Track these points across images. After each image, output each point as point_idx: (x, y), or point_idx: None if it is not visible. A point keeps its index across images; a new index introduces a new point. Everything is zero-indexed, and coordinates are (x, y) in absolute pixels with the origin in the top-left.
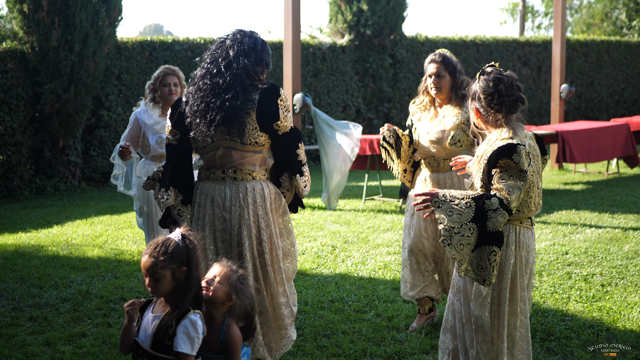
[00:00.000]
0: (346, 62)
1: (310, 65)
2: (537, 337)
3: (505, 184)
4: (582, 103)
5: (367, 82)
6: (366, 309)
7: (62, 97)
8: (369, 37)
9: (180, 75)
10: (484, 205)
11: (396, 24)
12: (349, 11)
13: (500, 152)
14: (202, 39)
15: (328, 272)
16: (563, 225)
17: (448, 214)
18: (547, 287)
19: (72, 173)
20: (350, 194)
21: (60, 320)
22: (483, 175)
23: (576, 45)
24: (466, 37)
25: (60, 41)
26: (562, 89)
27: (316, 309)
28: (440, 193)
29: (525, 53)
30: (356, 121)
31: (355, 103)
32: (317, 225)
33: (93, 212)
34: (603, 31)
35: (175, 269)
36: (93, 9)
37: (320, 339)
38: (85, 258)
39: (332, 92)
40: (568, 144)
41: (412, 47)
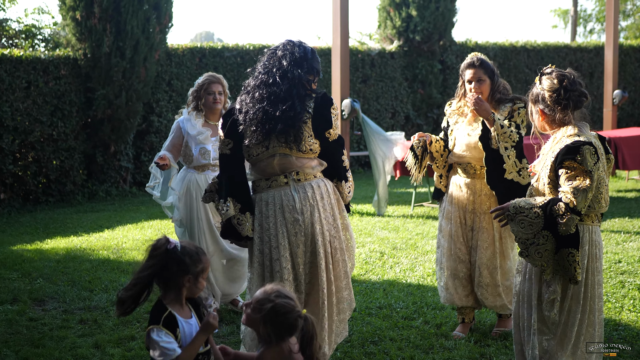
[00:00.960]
0: (395, 68)
1: (359, 71)
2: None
3: (570, 186)
4: (636, 109)
5: (416, 88)
6: (414, 316)
7: (113, 103)
8: (418, 42)
9: (224, 83)
10: (552, 212)
11: (445, 29)
12: (398, 17)
13: (565, 151)
14: (251, 45)
15: (376, 278)
16: (616, 233)
17: (520, 226)
18: None
19: (123, 178)
20: (399, 200)
21: (110, 323)
22: (550, 172)
23: (629, 50)
24: (516, 42)
25: (112, 48)
26: (614, 95)
27: (364, 315)
28: (510, 206)
29: (577, 59)
30: (405, 127)
31: (405, 109)
32: (365, 231)
33: (143, 217)
34: None
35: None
36: (144, 15)
37: (367, 346)
38: (135, 262)
39: (381, 98)
40: (621, 151)
41: (462, 52)
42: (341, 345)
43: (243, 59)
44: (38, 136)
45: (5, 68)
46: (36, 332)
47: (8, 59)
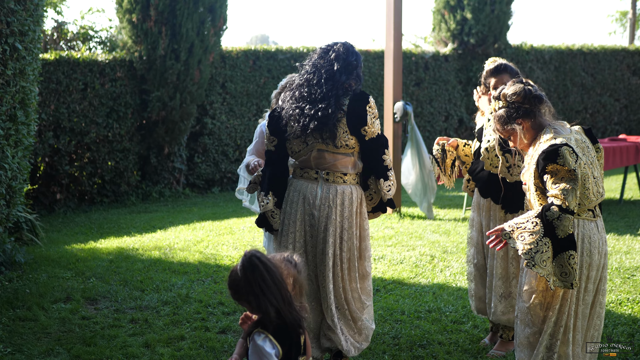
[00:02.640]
0: (449, 71)
1: (413, 74)
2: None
3: (558, 188)
4: None
5: (470, 92)
6: (464, 320)
7: (168, 105)
8: (473, 45)
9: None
10: (547, 218)
11: (500, 32)
12: (452, 20)
13: (545, 157)
14: (305, 47)
15: (426, 281)
16: None
17: (520, 239)
18: None
19: (176, 179)
20: (450, 204)
21: (160, 322)
22: (535, 179)
23: None
24: (573, 45)
25: (167, 50)
26: None
27: (413, 318)
28: (505, 226)
29: (635, 62)
30: (459, 130)
31: (458, 112)
32: (416, 234)
33: (195, 218)
34: None
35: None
36: (199, 18)
37: (416, 349)
38: (186, 263)
39: (434, 101)
40: None
41: (517, 56)
42: (389, 348)
43: (297, 61)
44: (94, 137)
45: (63, 70)
46: (88, 330)
47: (66, 61)
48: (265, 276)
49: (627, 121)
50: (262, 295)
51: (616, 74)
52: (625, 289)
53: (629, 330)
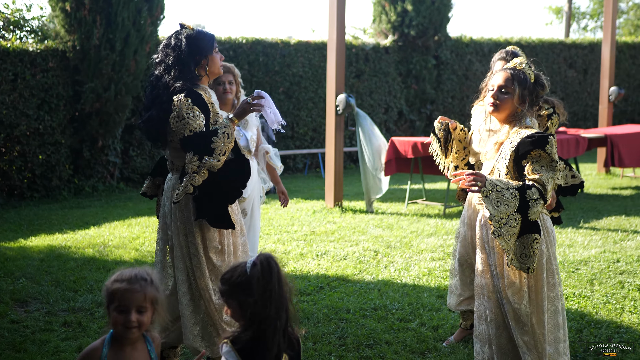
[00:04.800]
0: (389, 63)
1: (353, 66)
2: (591, 351)
3: (540, 175)
4: (629, 106)
5: (410, 84)
6: (410, 317)
7: (102, 97)
8: (413, 37)
9: (236, 72)
10: (526, 196)
11: (441, 24)
12: (393, 12)
13: (533, 141)
14: (244, 38)
15: (370, 278)
16: (613, 231)
17: (496, 204)
18: (599, 297)
19: (110, 173)
20: (392, 197)
21: (95, 325)
22: (510, 162)
23: (624, 47)
24: (511, 38)
25: (102, 40)
26: (611, 92)
27: (358, 316)
28: (487, 181)
29: (571, 55)
30: (398, 123)
31: (398, 105)
32: (358, 229)
33: (131, 214)
34: None
35: (242, 301)
36: (135, 7)
37: (363, 349)
38: (122, 261)
39: (374, 93)
40: (617, 148)
41: (457, 48)
42: (335, 348)
43: (236, 53)
44: (24, 130)
45: None
46: (18, 335)
47: None
48: (277, 283)
49: None
50: (263, 303)
51: (553, 67)
52: (570, 283)
53: (577, 326)
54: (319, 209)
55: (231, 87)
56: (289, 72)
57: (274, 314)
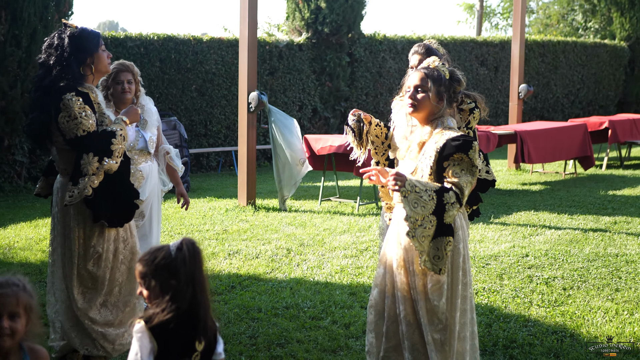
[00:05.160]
0: (303, 60)
1: (267, 63)
2: (500, 344)
3: (459, 178)
4: (538, 103)
5: (324, 81)
6: (322, 315)
7: (8, 94)
8: (327, 35)
9: (136, 71)
10: (443, 199)
11: (354, 22)
12: (306, 9)
13: (458, 145)
14: (155, 35)
15: (283, 276)
16: (522, 226)
17: (413, 206)
18: (508, 291)
19: (17, 173)
20: (306, 195)
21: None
22: (433, 163)
23: (533, 45)
24: (424, 36)
25: (7, 36)
26: (520, 89)
27: (270, 316)
28: (407, 181)
29: (483, 53)
30: (313, 120)
31: (312, 102)
32: (271, 227)
33: (38, 214)
34: (559, 32)
35: (164, 282)
36: (42, 3)
37: (274, 349)
38: (28, 263)
39: (288, 90)
40: (526, 145)
41: (370, 45)
42: (246, 348)
43: (147, 49)
44: None
45: None
46: None
47: None
48: (200, 267)
49: None
50: (185, 285)
51: (465, 64)
52: (480, 278)
53: (486, 321)
54: (231, 207)
55: (130, 86)
56: (202, 69)
57: (198, 297)
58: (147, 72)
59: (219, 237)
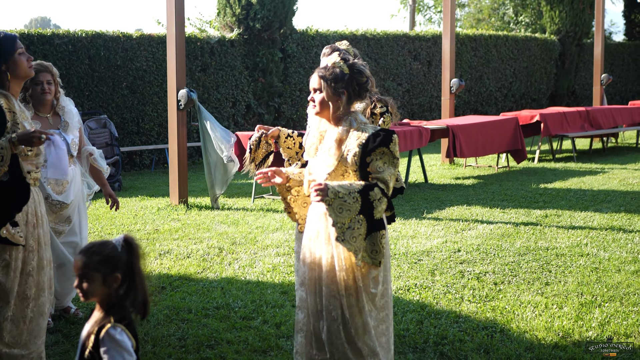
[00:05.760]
0: (235, 56)
1: (199, 59)
2: (431, 341)
3: (383, 172)
4: (472, 97)
5: (257, 77)
6: (253, 315)
7: None
8: (259, 31)
9: (55, 72)
10: (369, 197)
11: (286, 17)
12: (237, 4)
13: (380, 139)
14: (83, 32)
15: (214, 276)
16: (455, 221)
17: (338, 212)
18: (440, 287)
19: None
20: (239, 192)
21: None
22: (358, 158)
23: (465, 40)
24: (357, 31)
25: None
26: (452, 84)
27: (200, 317)
28: (329, 189)
29: (416, 47)
30: (247, 116)
31: (246, 98)
32: (203, 226)
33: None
34: (491, 26)
35: (107, 274)
36: None
37: (203, 350)
38: None
39: (221, 87)
40: (458, 139)
41: (303, 41)
42: (175, 351)
43: (75, 47)
44: None
45: None
46: None
47: None
48: (140, 260)
49: (410, 105)
50: (135, 278)
51: (398, 59)
52: (412, 274)
53: (417, 317)
54: (163, 206)
55: (50, 87)
56: (132, 66)
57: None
58: (76, 69)
59: (150, 236)
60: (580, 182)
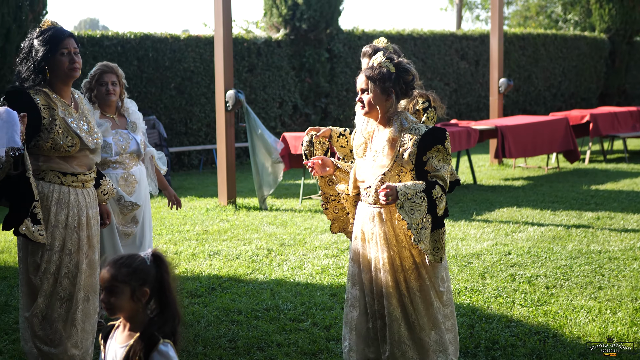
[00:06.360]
0: (282, 56)
1: (246, 60)
2: (482, 346)
3: (440, 170)
4: (520, 97)
5: (303, 77)
6: (303, 317)
7: None
8: (305, 31)
9: (120, 73)
10: (432, 195)
11: (332, 17)
12: (284, 5)
13: (434, 138)
14: (132, 33)
15: (263, 277)
16: (505, 223)
17: (410, 213)
18: (490, 290)
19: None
20: (287, 193)
21: None
22: (413, 157)
23: (513, 38)
24: (403, 30)
25: None
26: (500, 83)
27: (250, 318)
28: (399, 192)
29: (463, 47)
30: (294, 117)
31: (292, 98)
32: (252, 227)
33: None
34: (539, 24)
35: (137, 288)
36: (15, 3)
37: (254, 352)
38: (6, 266)
39: (268, 87)
40: (507, 139)
41: (349, 41)
42: (225, 353)
43: (124, 48)
44: None
45: None
46: None
47: None
48: (170, 276)
49: (457, 105)
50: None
51: (445, 59)
52: (462, 277)
53: (468, 321)
54: (212, 206)
55: (114, 88)
56: (180, 67)
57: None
58: (125, 70)
59: (200, 237)
60: (632, 184)
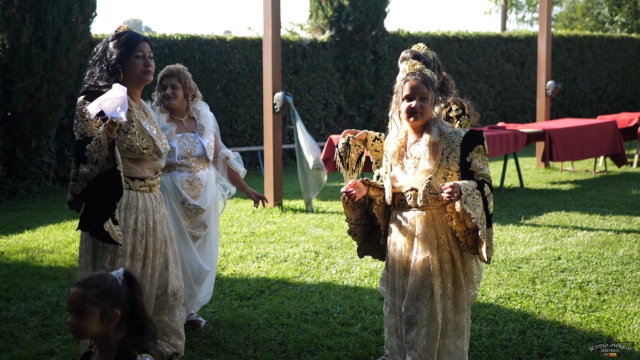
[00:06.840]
0: (327, 58)
1: (291, 62)
2: (535, 352)
3: (483, 170)
4: (566, 99)
5: (348, 79)
6: (352, 321)
7: (34, 96)
8: (350, 33)
9: (183, 76)
10: (484, 192)
11: (378, 19)
12: (329, 7)
13: (474, 138)
14: (179, 35)
15: (311, 280)
16: (554, 228)
17: (473, 208)
18: (541, 295)
19: (45, 174)
20: (333, 195)
21: (28, 336)
22: (459, 159)
23: (559, 40)
24: (448, 32)
25: (32, 38)
26: (548, 86)
27: (299, 321)
28: (461, 187)
29: (508, 49)
30: (338, 119)
31: (337, 100)
32: (299, 229)
33: (66, 216)
34: (585, 26)
35: (107, 309)
36: (65, 5)
37: (304, 356)
38: (57, 267)
39: (312, 89)
40: (555, 143)
41: (394, 43)
42: (276, 356)
43: (171, 50)
44: None
45: None
46: None
47: None
48: (142, 297)
49: (502, 107)
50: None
51: (491, 61)
52: (512, 282)
53: (520, 327)
54: (258, 208)
55: (175, 92)
56: (226, 69)
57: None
58: None
59: (247, 239)
60: None
